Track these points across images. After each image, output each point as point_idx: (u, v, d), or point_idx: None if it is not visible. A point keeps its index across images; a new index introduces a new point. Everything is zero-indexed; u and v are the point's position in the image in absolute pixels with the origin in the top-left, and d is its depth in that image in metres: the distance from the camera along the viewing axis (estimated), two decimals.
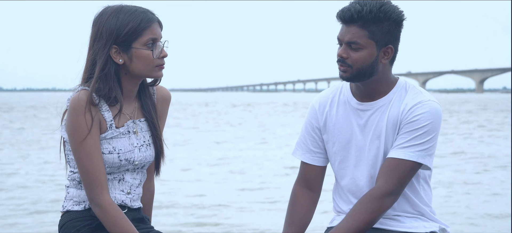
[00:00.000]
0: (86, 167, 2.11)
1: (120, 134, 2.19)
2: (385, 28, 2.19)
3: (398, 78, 2.32)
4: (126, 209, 2.23)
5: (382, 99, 2.27)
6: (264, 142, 17.59)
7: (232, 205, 7.84)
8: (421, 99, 2.23)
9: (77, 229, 2.17)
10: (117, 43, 2.12)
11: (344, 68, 2.23)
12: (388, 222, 2.28)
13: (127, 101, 2.22)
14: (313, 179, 2.40)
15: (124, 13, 2.13)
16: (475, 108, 46.26)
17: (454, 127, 24.41)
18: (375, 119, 2.27)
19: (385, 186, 2.19)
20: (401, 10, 2.22)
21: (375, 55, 2.21)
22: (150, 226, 2.31)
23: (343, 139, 2.32)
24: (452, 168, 11.56)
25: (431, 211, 2.33)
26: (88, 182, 2.12)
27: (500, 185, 9.45)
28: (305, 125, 2.42)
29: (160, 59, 2.17)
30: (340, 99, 2.35)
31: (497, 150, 14.94)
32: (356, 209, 2.20)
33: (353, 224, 2.18)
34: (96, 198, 2.11)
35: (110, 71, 2.13)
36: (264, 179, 10.18)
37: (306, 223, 2.39)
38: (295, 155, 2.42)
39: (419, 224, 2.29)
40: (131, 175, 2.24)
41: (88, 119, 2.11)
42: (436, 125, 2.22)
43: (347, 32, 2.20)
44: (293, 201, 2.40)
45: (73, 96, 2.12)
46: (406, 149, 2.20)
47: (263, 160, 12.94)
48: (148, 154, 2.23)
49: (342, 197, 2.37)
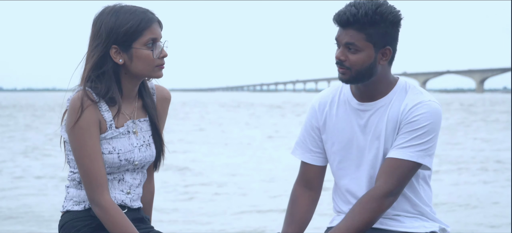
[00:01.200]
0: (86, 167, 2.11)
1: (120, 134, 2.19)
2: (382, 30, 2.18)
3: (398, 78, 2.33)
4: (126, 209, 2.23)
5: (382, 99, 2.28)
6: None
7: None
8: (421, 99, 2.23)
9: (77, 229, 2.17)
10: (117, 43, 2.13)
11: (343, 71, 2.23)
12: (388, 222, 2.29)
13: (126, 101, 2.22)
14: (313, 179, 2.41)
15: (124, 13, 2.13)
16: (477, 109, 46.34)
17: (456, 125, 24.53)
18: (375, 120, 2.28)
19: (384, 186, 2.19)
20: (398, 10, 2.21)
21: (373, 57, 2.21)
22: (150, 226, 2.31)
23: (343, 139, 2.33)
24: (453, 172, 11.58)
25: (431, 211, 2.33)
26: (88, 182, 2.12)
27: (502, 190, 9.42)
28: (305, 124, 2.42)
29: (160, 59, 2.17)
30: (340, 99, 2.36)
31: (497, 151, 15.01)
32: (355, 209, 2.21)
33: (353, 224, 2.19)
34: (96, 198, 2.12)
35: (109, 71, 2.14)
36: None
37: (306, 222, 2.40)
38: (295, 154, 2.43)
39: (419, 224, 2.29)
40: (131, 175, 2.25)
41: (87, 119, 2.11)
42: (436, 125, 2.22)
43: (345, 35, 2.20)
44: (293, 201, 2.41)
45: (73, 96, 2.12)
46: (405, 149, 2.20)
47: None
48: (148, 154, 2.24)
49: (341, 197, 2.37)
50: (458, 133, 21.30)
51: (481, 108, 47.17)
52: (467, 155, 14.07)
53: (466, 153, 14.50)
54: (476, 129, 23.21)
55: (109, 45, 2.12)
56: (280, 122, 29.12)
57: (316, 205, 2.45)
